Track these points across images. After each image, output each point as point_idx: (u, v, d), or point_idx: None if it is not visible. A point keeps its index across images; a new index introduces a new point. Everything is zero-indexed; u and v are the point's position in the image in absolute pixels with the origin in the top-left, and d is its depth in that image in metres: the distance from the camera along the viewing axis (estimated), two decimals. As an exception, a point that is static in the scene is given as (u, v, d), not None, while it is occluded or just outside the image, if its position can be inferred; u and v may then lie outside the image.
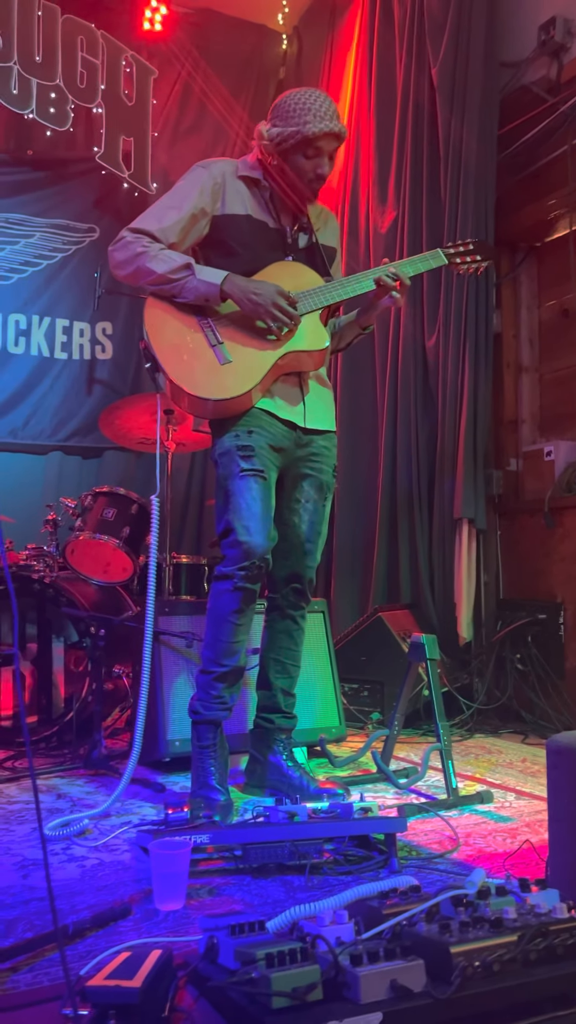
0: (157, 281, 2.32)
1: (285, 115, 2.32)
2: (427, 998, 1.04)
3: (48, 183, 4.64)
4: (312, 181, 2.36)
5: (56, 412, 4.58)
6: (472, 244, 2.57)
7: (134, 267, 2.32)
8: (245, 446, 2.31)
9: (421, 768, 2.33)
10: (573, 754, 1.53)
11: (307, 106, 2.30)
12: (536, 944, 1.11)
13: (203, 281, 2.29)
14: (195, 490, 4.83)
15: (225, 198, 2.40)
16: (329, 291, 2.39)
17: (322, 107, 2.30)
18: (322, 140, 2.31)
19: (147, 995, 1.10)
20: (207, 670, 2.32)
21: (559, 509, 3.61)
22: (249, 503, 2.28)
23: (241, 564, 2.26)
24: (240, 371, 2.30)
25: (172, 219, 2.36)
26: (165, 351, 2.31)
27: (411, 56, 4.06)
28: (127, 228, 2.37)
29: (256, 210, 2.42)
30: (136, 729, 2.20)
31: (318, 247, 2.49)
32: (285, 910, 1.25)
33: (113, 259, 2.37)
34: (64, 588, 3.14)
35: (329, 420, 2.53)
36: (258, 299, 2.28)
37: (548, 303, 4.02)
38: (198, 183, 2.39)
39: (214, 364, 2.30)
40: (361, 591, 4.23)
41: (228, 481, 2.32)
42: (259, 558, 2.27)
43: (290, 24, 5.31)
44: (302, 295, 2.36)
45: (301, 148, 2.31)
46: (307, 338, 2.36)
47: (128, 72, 4.72)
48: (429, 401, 3.98)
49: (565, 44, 3.63)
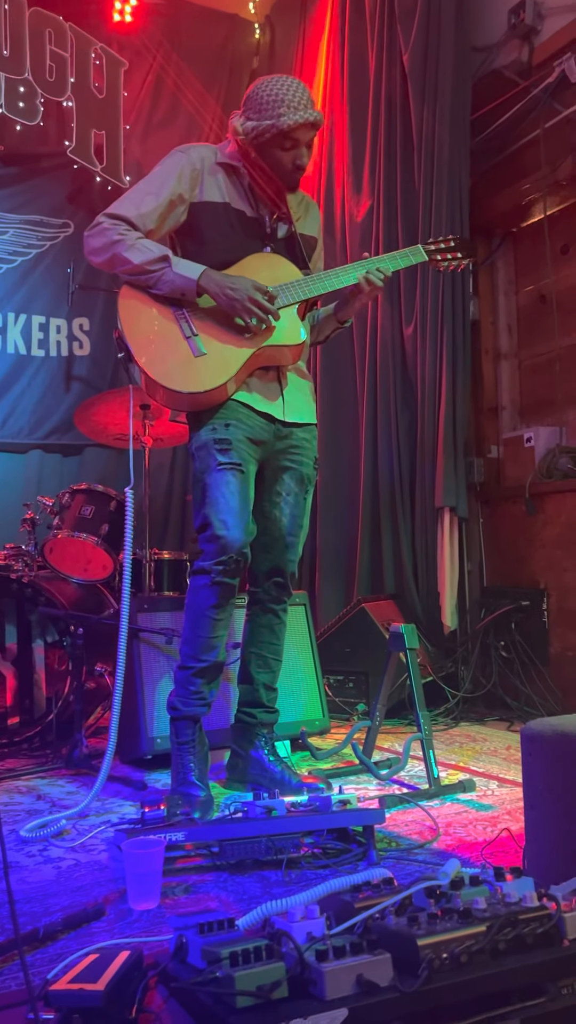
0: (132, 271, 2.28)
1: (258, 107, 2.27)
2: (394, 992, 1.02)
3: (20, 179, 4.59)
4: (292, 172, 2.33)
5: (34, 410, 4.54)
6: (453, 241, 2.55)
7: (110, 254, 2.29)
8: (222, 439, 2.29)
9: (402, 758, 2.32)
10: (547, 741, 1.52)
11: (280, 97, 2.24)
12: (505, 934, 1.09)
13: (179, 275, 2.26)
14: (176, 485, 4.80)
15: (203, 185, 2.36)
16: (307, 285, 2.36)
17: (295, 96, 2.25)
18: (298, 131, 2.26)
19: (112, 997, 1.08)
20: (185, 666, 2.30)
21: (540, 495, 3.60)
22: (226, 497, 2.25)
23: (218, 559, 2.24)
24: (214, 364, 2.27)
25: (150, 205, 2.31)
26: (139, 342, 2.28)
27: (382, 43, 4.03)
28: (104, 213, 2.33)
29: (234, 198, 2.38)
30: (111, 728, 2.18)
31: (297, 238, 2.45)
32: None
33: (88, 245, 2.33)
34: (43, 587, 3.12)
35: (309, 413, 2.51)
36: (235, 294, 2.24)
37: (525, 289, 4.00)
38: (176, 168, 2.35)
39: (188, 356, 2.27)
40: (345, 582, 4.22)
41: (205, 475, 2.29)
42: (237, 552, 2.25)
43: (262, 13, 5.28)
44: (280, 288, 2.32)
45: (278, 141, 2.27)
46: (284, 333, 2.33)
47: (98, 64, 4.68)
48: (408, 390, 3.96)
49: (535, 27, 3.61)
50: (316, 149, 4.48)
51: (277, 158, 2.30)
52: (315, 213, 2.60)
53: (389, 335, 3.99)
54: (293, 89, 2.27)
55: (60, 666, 3.16)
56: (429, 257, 2.51)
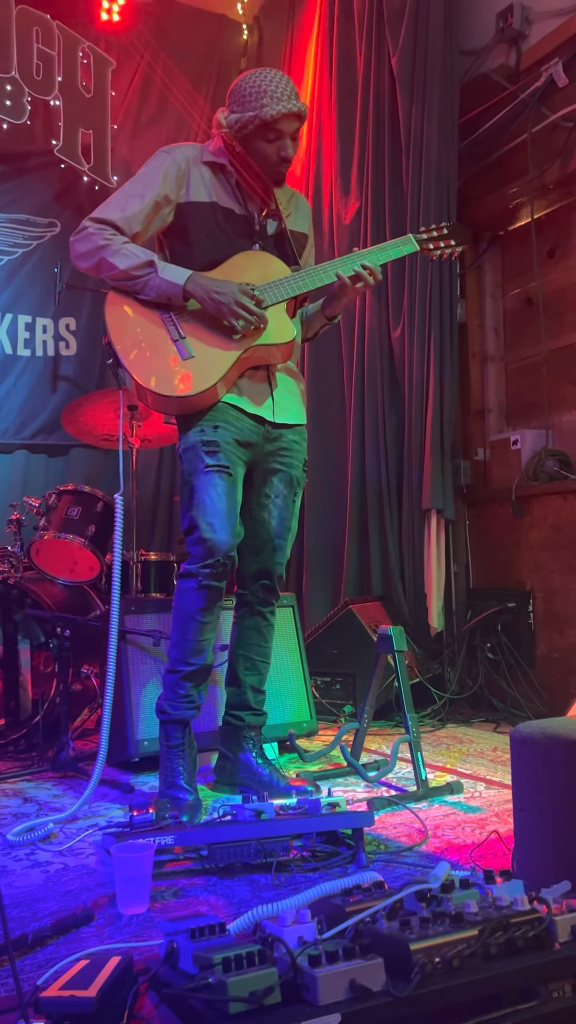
0: (119, 277, 2.27)
1: (241, 100, 2.26)
2: (387, 997, 1.02)
3: (6, 178, 4.56)
4: (277, 164, 2.31)
5: (20, 410, 4.51)
6: (446, 228, 2.52)
7: (96, 259, 2.28)
8: (210, 441, 2.28)
9: (390, 760, 2.32)
10: (536, 743, 1.52)
11: (263, 88, 2.23)
12: (496, 938, 1.10)
13: (165, 280, 2.25)
14: (164, 486, 4.78)
15: (190, 184, 2.34)
16: (295, 281, 2.34)
17: (278, 87, 2.24)
18: (282, 122, 2.24)
19: (103, 1004, 1.07)
20: (174, 669, 2.29)
21: (526, 498, 3.62)
22: (214, 499, 2.24)
23: (206, 561, 2.23)
24: (203, 367, 2.26)
25: (135, 208, 2.30)
26: (127, 347, 2.27)
27: (371, 45, 4.03)
28: (89, 218, 2.32)
29: (222, 196, 2.36)
30: (102, 734, 2.17)
31: (287, 234, 2.43)
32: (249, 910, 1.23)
33: (74, 250, 2.32)
34: (29, 589, 3.10)
35: (299, 413, 2.49)
36: (221, 299, 2.22)
37: (512, 292, 4.02)
38: (161, 169, 2.33)
39: (176, 360, 2.26)
40: (333, 584, 4.22)
41: (193, 477, 2.28)
42: (224, 555, 2.24)
43: (250, 14, 5.27)
44: (267, 286, 2.31)
45: (261, 133, 2.25)
46: (273, 332, 2.32)
47: (85, 63, 4.65)
48: (396, 392, 3.97)
49: (523, 31, 3.63)
50: (304, 150, 4.48)
51: (262, 150, 2.28)
52: (305, 208, 2.58)
53: (377, 337, 3.99)
54: (276, 80, 2.26)
55: (46, 668, 3.14)
56: (420, 247, 2.49)
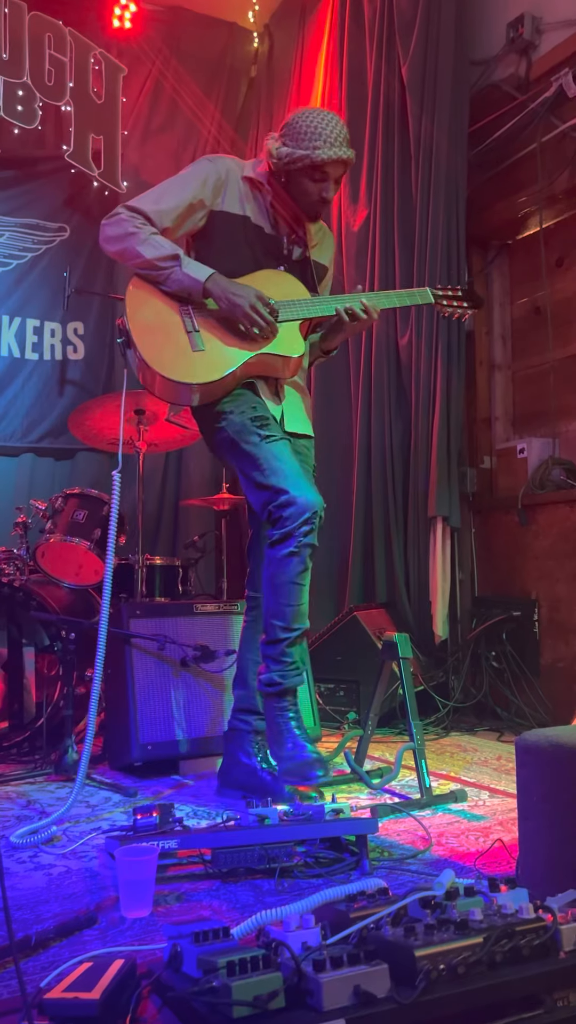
0: (143, 265, 2.34)
1: (296, 136, 2.34)
2: (391, 1003, 1.02)
3: (17, 182, 4.59)
4: (316, 204, 2.40)
5: (28, 413, 4.53)
6: (462, 291, 2.61)
7: (123, 246, 2.34)
8: (258, 416, 2.34)
9: (394, 768, 2.31)
10: (542, 752, 1.52)
11: (318, 131, 2.32)
12: (502, 945, 1.09)
13: (187, 275, 2.31)
14: (169, 490, 4.79)
15: (226, 195, 2.43)
16: (313, 305, 2.42)
17: (333, 132, 2.33)
18: (330, 166, 2.34)
19: (107, 1007, 1.07)
20: (277, 639, 2.28)
21: (532, 506, 3.62)
22: (288, 463, 2.28)
23: (302, 518, 2.23)
24: (211, 361, 2.32)
25: (170, 204, 2.37)
26: (140, 329, 2.33)
27: (381, 54, 4.05)
28: (123, 204, 2.40)
29: (255, 213, 2.45)
30: (88, 727, 2.17)
31: (310, 263, 2.52)
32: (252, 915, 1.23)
33: (104, 233, 2.39)
34: (34, 591, 3.10)
35: (306, 426, 2.56)
36: (237, 300, 2.29)
37: (520, 300, 4.03)
38: (202, 174, 2.41)
39: (186, 349, 2.32)
40: (337, 591, 4.21)
41: (256, 449, 2.29)
42: (319, 509, 2.26)
43: (261, 22, 5.30)
44: (286, 303, 2.38)
45: (308, 172, 2.35)
46: (283, 344, 2.38)
47: (97, 70, 4.69)
48: (403, 400, 3.97)
49: (534, 42, 3.64)
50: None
51: (305, 188, 2.38)
52: (330, 243, 2.66)
53: (384, 344, 4.00)
54: (332, 125, 2.34)
55: (49, 671, 3.15)
56: (435, 301, 2.56)
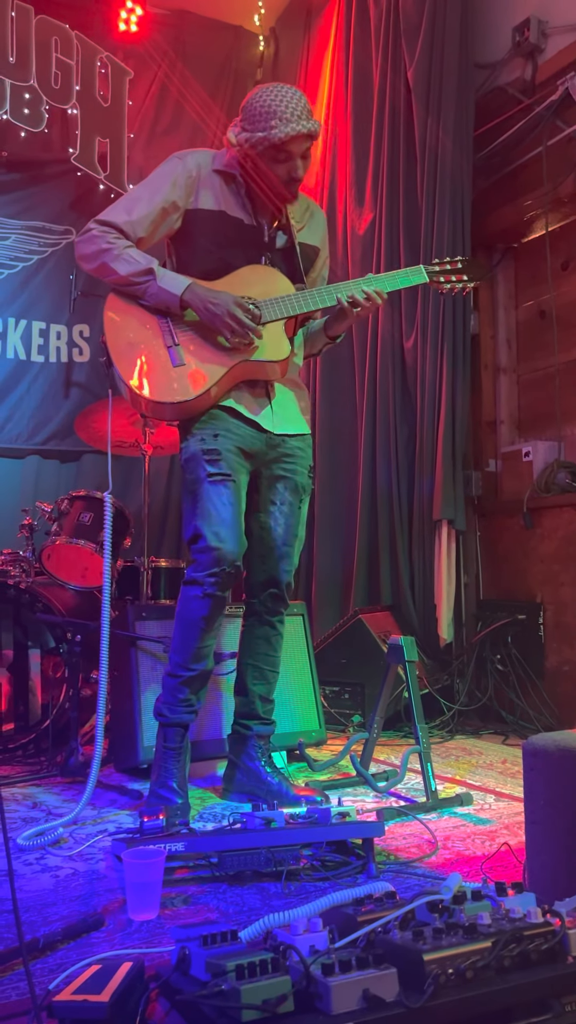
0: (119, 282, 2.29)
1: (252, 118, 2.24)
2: (400, 1007, 1.02)
3: (23, 185, 4.60)
4: (287, 184, 2.29)
5: (33, 415, 4.54)
6: (460, 262, 2.46)
7: (97, 263, 2.29)
8: (211, 450, 2.27)
9: (400, 771, 2.32)
10: (549, 756, 1.52)
11: (272, 109, 2.20)
12: (510, 950, 1.09)
13: (163, 289, 2.25)
14: (174, 493, 4.79)
15: (199, 192, 2.34)
16: (295, 301, 2.32)
17: (288, 107, 2.20)
18: (291, 144, 2.22)
19: (116, 1009, 1.07)
20: (175, 674, 2.28)
21: (538, 509, 3.62)
22: (219, 508, 2.23)
23: (211, 570, 2.22)
24: (193, 375, 2.25)
25: (141, 212, 2.30)
26: (120, 349, 2.26)
27: (387, 57, 4.06)
28: (94, 219, 2.32)
29: (231, 206, 2.35)
30: (97, 729, 2.18)
31: (296, 248, 2.41)
32: (260, 918, 1.23)
33: (78, 251, 2.33)
34: (40, 593, 3.11)
35: (300, 423, 2.46)
36: (215, 309, 2.22)
37: (525, 304, 4.03)
38: (171, 175, 2.33)
39: (167, 366, 2.25)
40: (342, 593, 4.21)
41: (196, 486, 2.27)
42: (230, 564, 2.22)
43: (266, 25, 5.30)
44: (268, 303, 2.29)
45: (271, 153, 2.24)
46: (267, 348, 2.29)
47: (103, 73, 4.70)
48: (408, 403, 3.97)
49: (539, 45, 3.64)
50: (319, 162, 4.51)
51: (272, 170, 2.27)
52: (320, 219, 2.54)
53: (389, 347, 4.00)
54: (287, 100, 2.21)
55: (55, 673, 3.15)
56: (430, 278, 2.44)
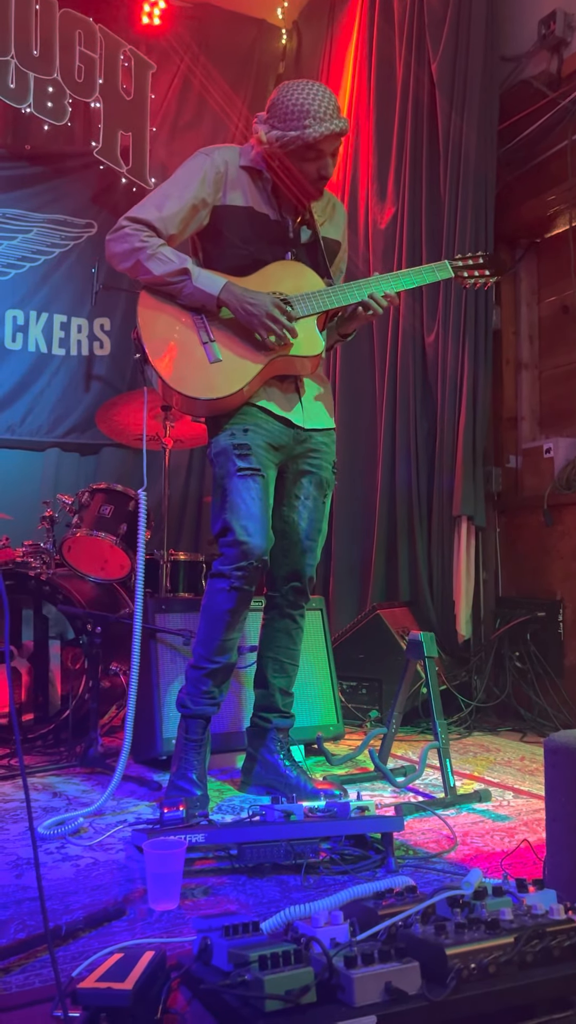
0: (154, 281, 2.29)
1: (284, 116, 2.25)
2: (422, 1000, 1.02)
3: (46, 178, 4.62)
4: (316, 182, 2.32)
5: (54, 408, 4.57)
6: (482, 257, 2.51)
7: (132, 261, 2.29)
8: (241, 444, 2.28)
9: (419, 766, 2.32)
10: (571, 753, 1.51)
11: (306, 108, 2.22)
12: (532, 946, 1.10)
13: (199, 289, 2.26)
14: (193, 487, 4.81)
15: (227, 188, 2.35)
16: (329, 296, 2.35)
17: (321, 106, 2.23)
18: (324, 143, 2.25)
19: (139, 997, 1.08)
20: (198, 666, 2.30)
21: (558, 506, 3.60)
22: (248, 503, 2.25)
23: (239, 564, 2.23)
24: (228, 371, 2.26)
25: (172, 209, 2.31)
26: (155, 345, 2.28)
27: (411, 51, 4.03)
28: (126, 216, 2.33)
29: (258, 202, 2.37)
30: (127, 725, 2.18)
31: (320, 243, 2.44)
32: (280, 910, 1.23)
33: (110, 249, 2.33)
34: (61, 585, 3.13)
35: (327, 418, 2.49)
36: (253, 310, 2.24)
37: (548, 299, 4.00)
38: (200, 171, 2.34)
39: (203, 362, 2.27)
40: (360, 589, 4.21)
41: (225, 480, 2.29)
42: (257, 559, 2.24)
43: (289, 19, 5.29)
44: (300, 298, 2.32)
45: (302, 152, 2.26)
46: (302, 344, 2.32)
47: (126, 66, 4.71)
48: (428, 398, 3.96)
49: (565, 38, 3.61)
50: (341, 155, 4.46)
51: (302, 168, 2.29)
52: (340, 214, 2.57)
53: (410, 342, 3.99)
54: (319, 98, 2.24)
55: (74, 664, 3.17)
56: (455, 273, 2.48)
